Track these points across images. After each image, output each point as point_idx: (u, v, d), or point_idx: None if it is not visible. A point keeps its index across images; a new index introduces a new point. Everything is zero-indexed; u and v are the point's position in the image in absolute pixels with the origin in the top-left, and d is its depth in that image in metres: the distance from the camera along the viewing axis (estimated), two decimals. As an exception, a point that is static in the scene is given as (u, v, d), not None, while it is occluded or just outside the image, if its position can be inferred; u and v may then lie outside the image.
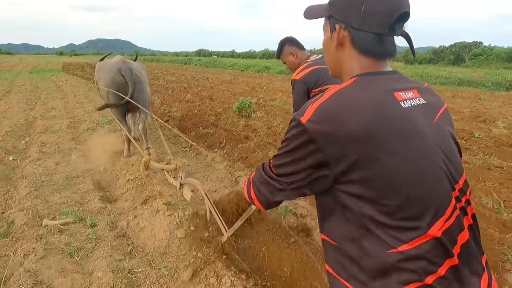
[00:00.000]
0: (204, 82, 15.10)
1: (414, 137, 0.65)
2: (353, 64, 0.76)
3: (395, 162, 0.62)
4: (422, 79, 16.25)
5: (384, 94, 0.67)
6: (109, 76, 3.45)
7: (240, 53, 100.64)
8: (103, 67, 3.69)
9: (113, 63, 3.57)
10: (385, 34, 0.70)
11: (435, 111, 0.74)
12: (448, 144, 0.72)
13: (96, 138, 5.04)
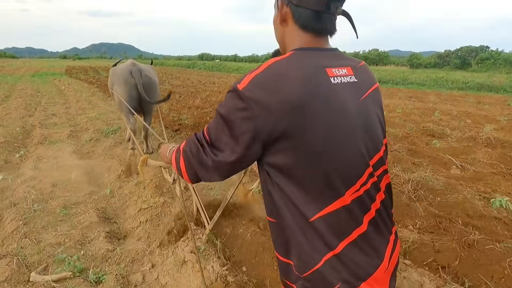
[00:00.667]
0: (211, 86, 14.55)
1: (338, 112, 0.69)
2: (295, 39, 0.79)
3: (318, 133, 0.67)
4: (437, 83, 15.64)
5: (316, 69, 0.71)
6: (121, 78, 3.64)
7: (243, 57, 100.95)
8: (116, 71, 3.87)
9: (124, 67, 3.78)
10: (322, 11, 0.73)
11: (364, 89, 0.78)
12: (370, 121, 0.77)
13: (100, 150, 4.44)
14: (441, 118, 7.07)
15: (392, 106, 8.90)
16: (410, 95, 12.30)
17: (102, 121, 6.31)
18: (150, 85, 3.76)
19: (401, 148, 4.40)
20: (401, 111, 7.88)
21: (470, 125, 6.31)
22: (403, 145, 4.51)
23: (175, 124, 6.15)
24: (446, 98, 11.21)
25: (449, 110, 8.16)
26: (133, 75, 3.59)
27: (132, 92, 3.61)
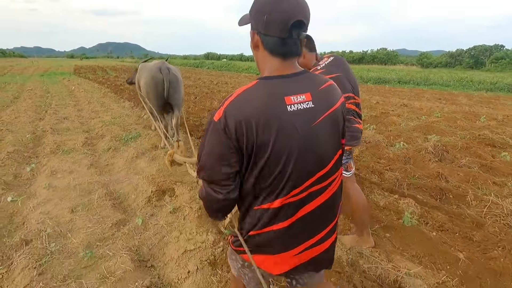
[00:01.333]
0: (224, 86, 13.99)
1: (289, 136, 0.84)
2: (266, 63, 0.91)
3: (271, 152, 0.84)
4: (462, 84, 14.84)
5: (275, 97, 0.84)
6: (150, 74, 3.97)
7: (249, 56, 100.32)
8: (145, 68, 4.22)
9: (153, 64, 4.14)
10: (286, 37, 0.85)
11: (319, 114, 0.90)
12: (319, 144, 0.90)
13: (121, 163, 3.89)
14: (489, 123, 6.39)
15: (426, 109, 8.23)
16: (437, 96, 11.57)
17: (119, 126, 5.77)
18: (176, 83, 4.07)
19: (471, 163, 3.77)
20: (439, 115, 7.21)
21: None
22: (471, 159, 3.88)
23: (198, 130, 5.58)
24: (478, 100, 10.48)
25: (492, 114, 7.46)
26: (162, 72, 3.92)
27: (159, 87, 3.92)
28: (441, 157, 3.88)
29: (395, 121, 6.58)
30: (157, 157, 4.06)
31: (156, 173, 3.42)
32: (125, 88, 11.58)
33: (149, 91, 3.96)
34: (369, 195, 2.94)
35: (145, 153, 4.25)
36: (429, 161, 3.90)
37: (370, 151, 4.34)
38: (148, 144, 4.60)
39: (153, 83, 3.93)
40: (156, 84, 3.93)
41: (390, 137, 5.15)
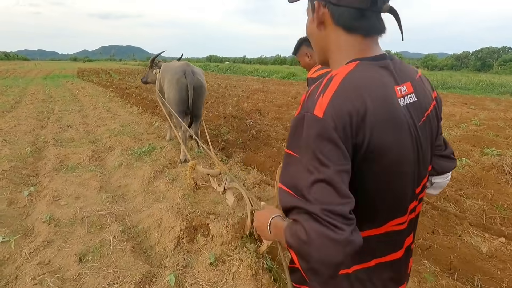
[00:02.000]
0: (234, 90, 13.39)
1: (404, 137, 0.63)
2: (340, 43, 0.68)
3: (388, 158, 0.61)
4: (482, 88, 14.17)
5: (388, 86, 0.64)
6: (174, 77, 3.63)
7: (251, 59, 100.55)
8: (169, 69, 3.84)
9: (178, 65, 3.73)
10: (367, 8, 0.63)
11: (423, 110, 0.70)
12: (424, 149, 0.70)
13: (137, 185, 3.26)
14: (540, 133, 5.72)
15: (458, 115, 7.57)
16: (461, 100, 10.92)
17: (129, 136, 5.16)
18: (200, 89, 3.74)
19: (561, 187, 3.11)
20: (479, 123, 6.56)
21: None
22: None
23: (218, 141, 4.95)
24: (509, 105, 9.81)
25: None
26: (186, 76, 3.57)
27: (183, 92, 3.59)
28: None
29: (433, 129, 5.93)
30: (179, 177, 3.44)
31: (182, 201, 2.79)
32: (131, 92, 11.00)
33: (172, 95, 3.65)
34: (461, 235, 2.29)
35: (163, 171, 3.62)
36: (505, 183, 3.25)
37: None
38: (165, 160, 3.98)
39: (177, 87, 3.61)
40: (180, 88, 3.60)
41: (438, 150, 4.50)
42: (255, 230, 1.15)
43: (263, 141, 5.09)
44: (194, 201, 2.85)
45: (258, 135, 5.44)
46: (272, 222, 0.72)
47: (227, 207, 2.71)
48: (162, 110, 7.14)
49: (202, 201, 2.87)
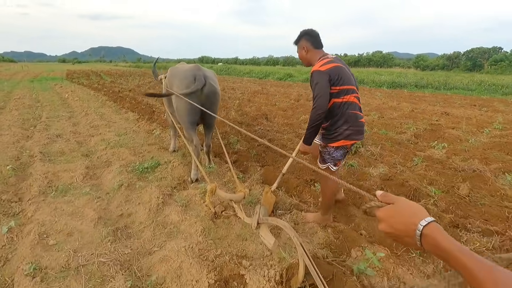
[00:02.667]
0: (233, 93, 12.85)
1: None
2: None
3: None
4: (485, 88, 13.97)
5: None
6: (183, 83, 3.12)
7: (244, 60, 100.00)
8: (177, 73, 3.33)
9: (187, 69, 3.22)
10: None
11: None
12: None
13: (143, 215, 2.70)
14: None
15: (475, 119, 7.20)
16: (468, 102, 10.63)
17: (127, 147, 4.57)
18: (214, 96, 3.22)
19: None
20: (501, 127, 6.18)
21: None
22: None
23: (229, 153, 4.41)
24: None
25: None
26: (197, 81, 3.05)
27: (194, 100, 3.02)
28: None
29: (456, 135, 5.52)
30: (192, 202, 2.89)
31: (202, 238, 2.24)
32: (125, 96, 10.35)
33: (182, 105, 3.11)
34: None
35: (173, 194, 3.07)
36: None
37: (473, 183, 3.24)
38: (173, 178, 3.43)
39: (187, 96, 3.02)
40: (190, 96, 3.03)
41: (474, 160, 4.07)
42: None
43: (278, 151, 4.57)
44: (217, 238, 2.31)
45: (268, 140, 4.92)
46: (429, 232, 0.57)
47: (259, 245, 2.19)
48: (165, 117, 6.56)
49: (226, 237, 2.33)
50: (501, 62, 44.47)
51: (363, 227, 2.53)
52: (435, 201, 2.91)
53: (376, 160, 4.12)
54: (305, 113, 7.82)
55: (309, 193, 3.16)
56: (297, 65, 62.46)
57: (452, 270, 0.63)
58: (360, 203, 2.84)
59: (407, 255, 2.20)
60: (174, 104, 3.23)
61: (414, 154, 4.36)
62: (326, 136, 2.21)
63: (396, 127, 6.20)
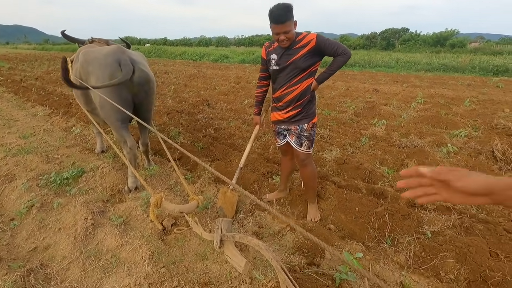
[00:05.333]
0: (167, 77, 11.76)
1: None
2: None
3: None
4: (401, 65, 15.64)
5: None
6: (105, 72, 2.41)
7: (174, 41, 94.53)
8: (94, 59, 2.51)
9: (107, 53, 2.48)
10: None
11: None
12: None
13: (65, 243, 2.08)
14: (485, 107, 6.22)
15: (400, 94, 7.87)
16: (391, 79, 11.68)
17: (38, 154, 3.63)
18: (148, 83, 2.59)
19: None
20: (422, 101, 6.85)
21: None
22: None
23: (171, 148, 3.86)
24: (432, 81, 10.83)
25: (474, 97, 7.45)
26: (122, 67, 2.39)
27: (123, 92, 2.44)
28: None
29: (390, 111, 5.90)
30: (134, 218, 2.36)
31: (152, 268, 1.79)
32: (30, 86, 8.53)
33: (106, 100, 2.39)
34: None
35: (106, 211, 2.47)
36: (500, 170, 3.16)
37: (417, 159, 3.41)
38: (105, 189, 2.79)
39: (113, 87, 2.36)
40: (118, 88, 2.40)
41: (410, 135, 4.35)
42: None
43: (226, 142, 4.19)
44: (171, 262, 1.88)
45: (218, 135, 4.50)
46: None
47: (224, 264, 1.84)
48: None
49: (182, 259, 1.92)
50: (408, 41, 50.66)
51: (331, 221, 2.39)
52: (390, 182, 2.95)
53: (327, 143, 4.08)
54: (247, 96, 7.50)
55: (268, 187, 2.90)
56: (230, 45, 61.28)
57: None
58: (322, 192, 2.69)
59: (378, 246, 2.12)
60: (96, 99, 2.53)
61: (360, 134, 4.46)
62: (308, 114, 2.17)
63: (337, 107, 6.35)
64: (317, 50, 1.95)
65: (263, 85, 2.36)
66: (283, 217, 1.13)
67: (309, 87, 2.09)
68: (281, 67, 2.07)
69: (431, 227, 2.20)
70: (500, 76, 12.14)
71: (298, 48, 1.98)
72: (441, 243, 2.03)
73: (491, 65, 12.72)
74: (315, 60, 1.99)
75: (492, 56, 15.79)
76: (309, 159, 2.28)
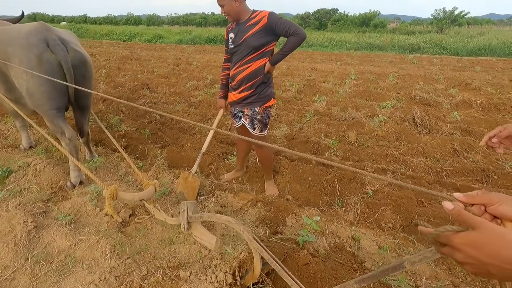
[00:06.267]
0: (96, 60, 10.55)
1: None
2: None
3: None
4: (332, 43, 16.68)
5: None
6: (31, 54, 2.10)
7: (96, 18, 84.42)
8: (13, 39, 2.18)
9: (30, 31, 2.16)
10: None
11: None
12: None
13: (5, 254, 1.84)
14: (404, 81, 7.08)
15: (336, 72, 8.49)
16: (326, 57, 12.44)
17: None
18: (84, 65, 2.35)
19: (449, 130, 3.79)
20: (355, 77, 7.52)
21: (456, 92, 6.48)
22: (446, 125, 3.92)
23: (115, 137, 3.57)
24: (362, 59, 11.85)
25: (396, 72, 8.38)
26: (54, 49, 2.13)
27: (56, 77, 2.10)
28: (429, 128, 3.74)
29: (329, 88, 6.36)
30: (85, 214, 2.18)
31: (116, 261, 1.71)
32: None
33: (36, 86, 2.14)
34: (432, 202, 2.35)
35: (49, 211, 2.22)
36: (420, 134, 3.71)
37: (356, 130, 3.80)
38: (42, 187, 2.49)
39: (43, 70, 2.10)
40: (49, 71, 2.11)
41: (348, 108, 4.79)
42: None
43: (175, 126, 4.05)
44: (136, 253, 1.82)
45: (164, 120, 4.30)
46: None
47: (192, 245, 1.86)
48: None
49: (147, 248, 1.87)
50: (338, 21, 53.82)
51: (288, 192, 2.56)
52: (335, 152, 3.25)
53: (275, 121, 4.24)
54: (190, 78, 7.24)
55: (225, 167, 2.94)
56: (163, 25, 57.21)
57: None
58: (277, 166, 2.84)
59: (331, 208, 2.37)
60: (21, 85, 2.18)
61: (304, 110, 4.73)
62: (261, 97, 2.20)
63: (280, 85, 6.57)
64: (269, 29, 1.97)
65: (228, 67, 2.30)
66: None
67: (262, 67, 2.10)
68: (235, 45, 2.07)
69: (372, 187, 2.54)
70: (414, 54, 13.92)
71: (250, 25, 1.99)
72: (381, 199, 2.36)
73: (407, 44, 14.45)
74: (268, 39, 2.01)
75: (407, 36, 17.88)
76: (264, 141, 2.35)
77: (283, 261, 1.60)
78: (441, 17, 30.10)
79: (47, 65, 2.10)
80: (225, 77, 2.35)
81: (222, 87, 2.40)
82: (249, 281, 1.52)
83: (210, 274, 1.57)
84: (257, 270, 1.45)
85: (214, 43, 18.78)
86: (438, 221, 2.11)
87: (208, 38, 19.21)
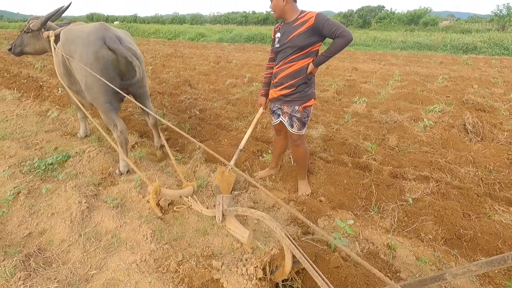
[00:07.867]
0: (143, 57, 11.21)
1: None
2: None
3: None
4: (376, 42, 15.91)
5: None
6: (89, 51, 2.30)
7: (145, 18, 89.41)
8: (76, 37, 2.42)
9: (91, 31, 2.36)
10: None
11: None
12: None
13: (61, 228, 2.07)
14: (456, 84, 6.56)
15: (378, 72, 8.11)
16: (369, 57, 11.91)
17: (16, 140, 3.46)
18: (138, 60, 2.43)
19: (507, 138, 3.44)
20: (400, 79, 7.12)
21: None
22: (503, 133, 3.57)
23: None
24: (407, 60, 11.18)
25: (447, 74, 7.82)
26: (109, 45, 2.31)
27: (111, 72, 2.37)
28: (482, 136, 3.44)
29: (370, 89, 6.10)
30: (129, 200, 2.37)
31: (155, 245, 1.84)
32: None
33: (93, 80, 2.34)
34: (491, 215, 2.17)
35: (99, 194, 2.45)
36: (470, 141, 3.43)
37: (397, 134, 3.61)
38: (94, 172, 2.75)
39: (100, 66, 2.32)
40: (104, 66, 2.33)
41: (389, 111, 4.56)
42: None
43: (213, 122, 4.19)
44: (173, 239, 1.94)
45: (204, 116, 4.48)
46: None
47: (225, 237, 1.93)
48: (60, 92, 5.22)
49: (183, 236, 1.98)
50: (384, 19, 51.13)
51: (321, 193, 2.53)
52: (373, 156, 3.13)
53: (311, 121, 4.19)
54: (229, 76, 7.41)
55: (259, 165, 2.99)
56: (206, 23, 58.94)
57: None
58: (311, 167, 2.81)
59: (366, 214, 2.29)
60: (80, 79, 2.43)
61: (343, 111, 4.61)
62: (301, 96, 2.18)
63: (319, 85, 6.45)
64: (315, 29, 1.95)
65: (271, 66, 2.34)
66: (272, 195, 1.21)
67: (305, 67, 2.10)
68: (281, 44, 2.10)
69: (412, 194, 2.41)
70: (469, 54, 12.76)
71: (297, 25, 2.00)
72: (421, 208, 2.23)
73: (461, 43, 13.29)
74: (314, 40, 2.00)
75: (461, 34, 16.45)
76: (301, 140, 2.35)
77: (314, 262, 1.60)
78: (503, 14, 27.19)
79: (102, 61, 2.31)
80: (268, 75, 2.39)
81: (264, 85, 2.44)
82: (278, 277, 1.55)
83: (241, 267, 1.62)
84: (288, 267, 1.47)
85: (254, 41, 18.95)
86: (486, 237, 1.94)
87: (248, 37, 19.43)
